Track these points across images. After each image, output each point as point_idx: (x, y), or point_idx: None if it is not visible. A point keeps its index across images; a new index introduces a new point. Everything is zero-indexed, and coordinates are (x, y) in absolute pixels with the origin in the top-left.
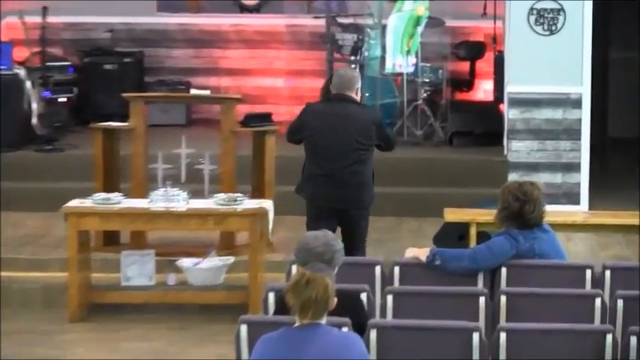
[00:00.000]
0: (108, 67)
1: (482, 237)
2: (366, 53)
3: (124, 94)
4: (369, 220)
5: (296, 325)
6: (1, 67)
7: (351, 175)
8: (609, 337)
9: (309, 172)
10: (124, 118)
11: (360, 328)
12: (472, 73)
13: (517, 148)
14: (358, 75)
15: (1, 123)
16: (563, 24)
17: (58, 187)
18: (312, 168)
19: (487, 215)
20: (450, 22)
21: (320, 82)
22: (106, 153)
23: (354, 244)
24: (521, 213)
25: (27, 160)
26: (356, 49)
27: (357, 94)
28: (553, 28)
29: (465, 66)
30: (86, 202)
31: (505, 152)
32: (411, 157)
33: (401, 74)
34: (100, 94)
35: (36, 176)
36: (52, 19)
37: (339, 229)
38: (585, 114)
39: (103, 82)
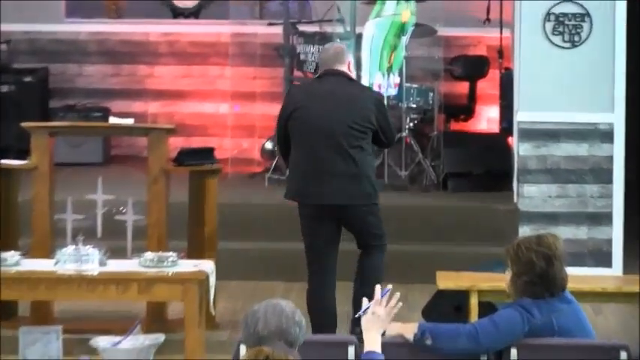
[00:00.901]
0: (2, 88)
1: (486, 309)
2: None
3: (23, 124)
4: (380, 215)
5: None
6: None
7: (345, 163)
8: None
9: (294, 165)
10: (22, 154)
11: None
12: (472, 96)
13: (530, 194)
14: (347, 48)
15: None
16: (589, 33)
17: None
18: (298, 159)
19: (491, 280)
20: (443, 31)
21: (277, 108)
22: (0, 199)
23: (367, 241)
24: (548, 275)
25: None
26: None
27: (349, 68)
28: (576, 38)
29: (462, 87)
30: None
31: (515, 199)
32: (393, 204)
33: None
34: None
35: None
36: None
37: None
38: (618, 149)
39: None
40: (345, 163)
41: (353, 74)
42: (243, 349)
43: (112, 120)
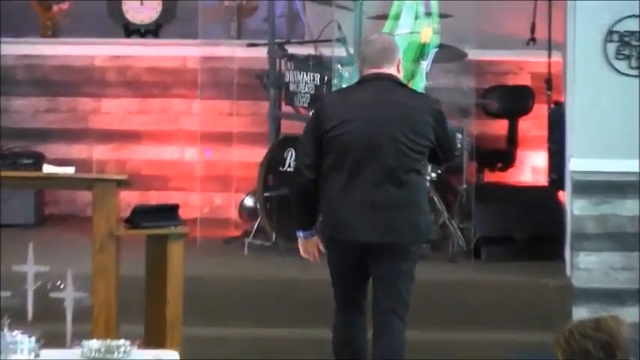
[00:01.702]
0: None
1: None
2: None
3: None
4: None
5: None
6: None
7: (398, 191)
8: None
9: (328, 192)
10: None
11: None
12: (512, 138)
13: (587, 265)
14: (396, 42)
15: None
16: None
17: None
18: (335, 184)
19: None
20: (475, 54)
21: (258, 153)
22: None
23: (391, 304)
24: None
25: None
26: (319, 99)
27: (398, 69)
28: None
29: (499, 127)
30: None
31: (567, 272)
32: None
33: None
34: None
35: None
36: None
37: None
38: None
39: None
40: (397, 190)
41: (401, 75)
42: None
43: (47, 169)
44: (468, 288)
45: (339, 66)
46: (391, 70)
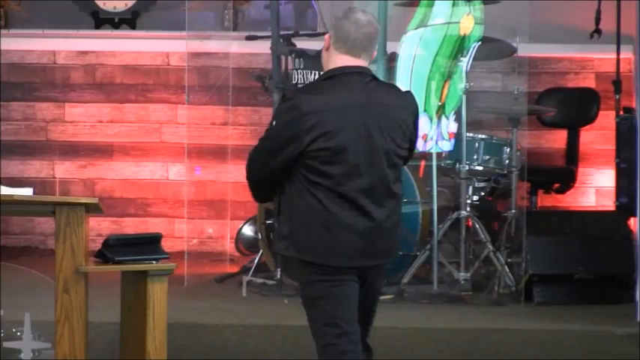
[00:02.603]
0: None
1: None
2: None
3: None
4: None
5: None
6: None
7: (390, 203)
8: None
9: (316, 214)
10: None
11: None
12: (572, 153)
13: None
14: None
15: None
16: None
17: None
18: (323, 203)
19: None
20: (526, 50)
21: None
22: None
23: (367, 326)
24: None
25: None
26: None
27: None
28: None
29: (557, 139)
30: None
31: (638, 317)
32: (446, 326)
33: (427, 155)
34: None
35: None
36: None
37: None
38: None
39: None
40: (390, 203)
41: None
42: None
43: (2, 190)
44: (518, 338)
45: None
46: (367, 63)
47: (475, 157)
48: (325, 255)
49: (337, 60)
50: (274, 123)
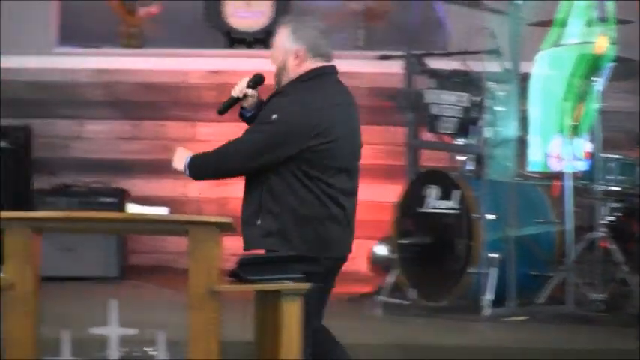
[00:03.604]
0: None
1: None
2: (488, 133)
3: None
4: None
5: None
6: None
7: (355, 197)
8: None
9: (317, 194)
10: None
11: None
12: None
13: None
14: None
15: None
16: None
17: None
18: (321, 198)
19: None
20: None
21: (397, 189)
22: None
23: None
24: None
25: None
26: (466, 124)
27: None
28: None
29: None
30: None
31: None
32: (579, 347)
33: (560, 176)
34: None
35: None
36: None
37: None
38: None
39: None
40: (354, 199)
41: None
42: None
43: (132, 208)
44: None
45: (493, 84)
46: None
47: (610, 177)
48: (322, 248)
49: (309, 64)
50: (277, 118)
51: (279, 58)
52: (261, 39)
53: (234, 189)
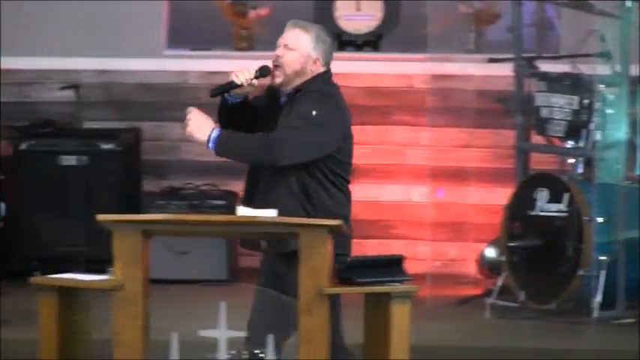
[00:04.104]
0: (67, 160)
1: None
2: (597, 135)
3: (100, 216)
4: None
5: None
6: None
7: None
8: None
9: (345, 192)
10: (96, 264)
11: None
12: None
13: None
14: None
15: None
16: None
17: None
18: (347, 195)
19: None
20: None
21: (506, 192)
22: (64, 335)
23: None
24: None
25: None
26: (576, 127)
27: None
28: None
29: None
30: None
31: None
32: None
33: None
34: (49, 216)
35: None
36: None
37: None
38: None
39: (59, 191)
40: None
41: None
42: None
43: (242, 211)
44: None
45: (603, 86)
46: None
47: None
48: (349, 245)
49: (321, 68)
50: (319, 115)
51: (299, 61)
52: (371, 41)
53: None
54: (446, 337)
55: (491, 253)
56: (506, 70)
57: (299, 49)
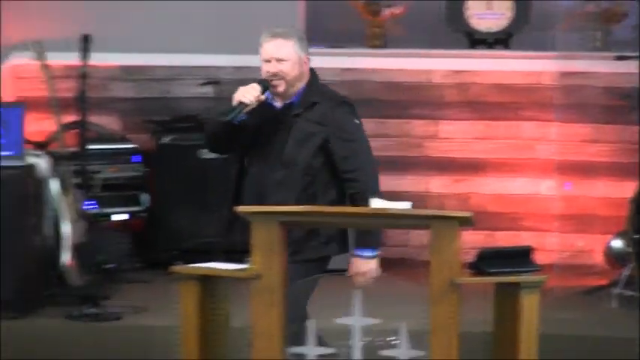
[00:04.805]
0: (207, 153)
1: None
2: None
3: (239, 207)
4: None
5: None
6: (4, 152)
7: None
8: None
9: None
10: (237, 254)
11: None
12: None
13: None
14: None
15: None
16: None
17: None
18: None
19: None
20: None
21: (631, 186)
22: (203, 322)
23: None
24: None
25: (47, 337)
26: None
27: None
28: None
29: None
30: None
31: None
32: None
33: None
34: (192, 208)
35: None
36: (99, 58)
37: None
38: None
39: (199, 184)
40: None
41: None
42: None
43: (376, 203)
44: None
45: None
46: None
47: None
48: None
49: (307, 64)
50: (361, 127)
51: (295, 68)
52: (502, 39)
53: (474, 184)
54: (574, 327)
55: (617, 244)
56: (632, 67)
57: (290, 58)
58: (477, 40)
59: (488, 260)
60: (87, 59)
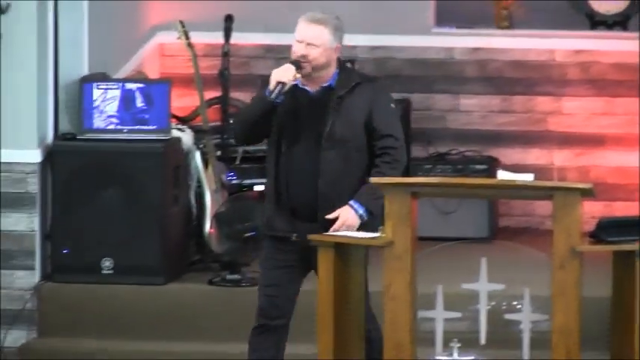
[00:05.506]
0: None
1: None
2: None
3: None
4: None
5: None
6: (150, 126)
7: None
8: None
9: None
10: (367, 225)
11: None
12: None
13: None
14: None
15: (143, 231)
16: None
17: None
18: None
19: None
20: None
21: None
22: (340, 290)
23: None
24: None
25: (193, 299)
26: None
27: None
28: None
29: None
30: None
31: None
32: None
33: None
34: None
35: (213, 334)
36: (241, 37)
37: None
38: None
39: None
40: None
41: None
42: None
43: (502, 175)
44: None
45: None
46: None
47: None
48: None
49: (337, 53)
50: (395, 104)
51: (324, 55)
52: (620, 21)
53: (594, 157)
54: None
55: None
56: None
57: (322, 44)
58: (598, 22)
59: (608, 229)
60: (229, 38)
